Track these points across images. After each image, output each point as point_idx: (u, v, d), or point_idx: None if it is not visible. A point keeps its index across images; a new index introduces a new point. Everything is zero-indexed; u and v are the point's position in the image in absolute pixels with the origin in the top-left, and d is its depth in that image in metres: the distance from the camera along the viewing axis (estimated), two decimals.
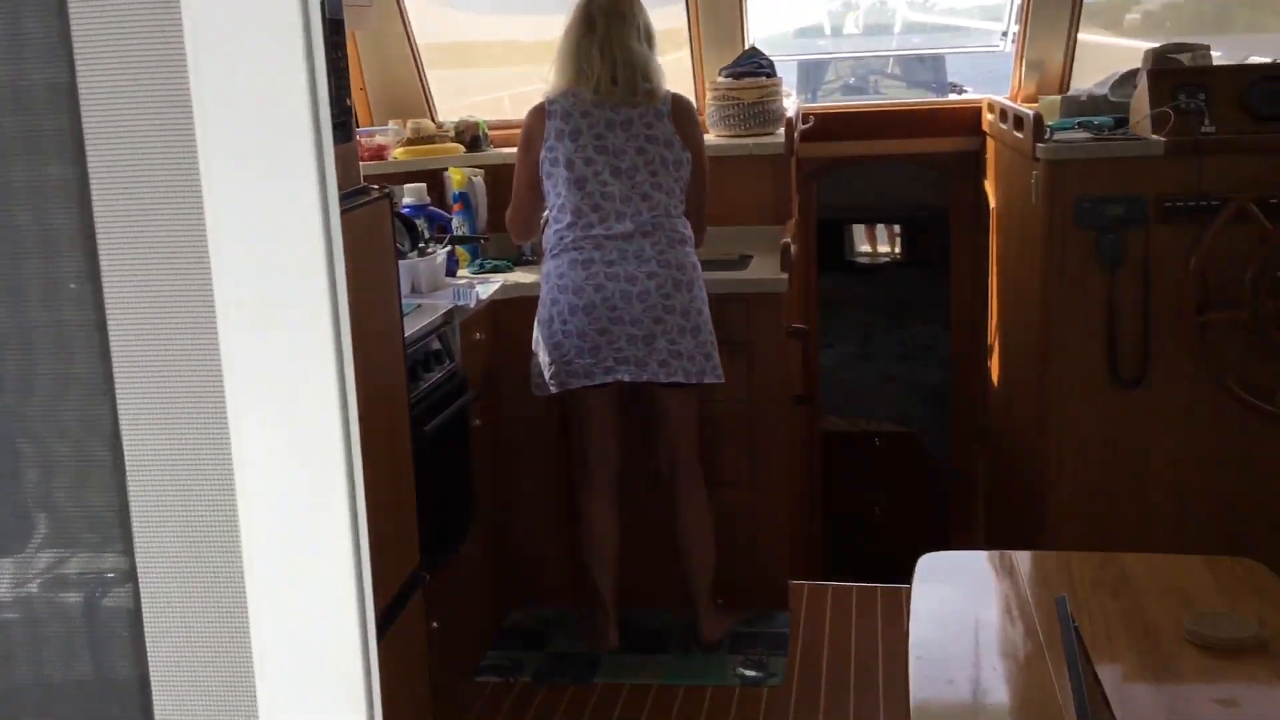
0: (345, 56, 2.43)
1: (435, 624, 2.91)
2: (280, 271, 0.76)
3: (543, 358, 3.25)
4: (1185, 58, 3.50)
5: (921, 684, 1.95)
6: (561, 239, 3.23)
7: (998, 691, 1.99)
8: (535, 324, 3.28)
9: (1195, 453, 3.29)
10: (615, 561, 3.41)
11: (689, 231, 3.25)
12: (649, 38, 3.20)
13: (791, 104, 4.25)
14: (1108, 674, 1.84)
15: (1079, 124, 3.43)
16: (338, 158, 2.37)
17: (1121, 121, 3.43)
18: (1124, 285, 3.23)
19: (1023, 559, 2.43)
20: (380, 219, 2.43)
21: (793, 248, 3.67)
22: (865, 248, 7.69)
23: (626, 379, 3.19)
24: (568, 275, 3.20)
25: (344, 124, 2.39)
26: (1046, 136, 3.32)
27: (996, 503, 4.33)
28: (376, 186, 2.60)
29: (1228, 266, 3.14)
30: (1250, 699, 1.87)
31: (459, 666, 3.28)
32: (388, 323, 2.46)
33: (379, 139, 3.94)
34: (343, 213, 2.10)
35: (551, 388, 3.24)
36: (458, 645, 3.26)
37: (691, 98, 4.31)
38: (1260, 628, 2.00)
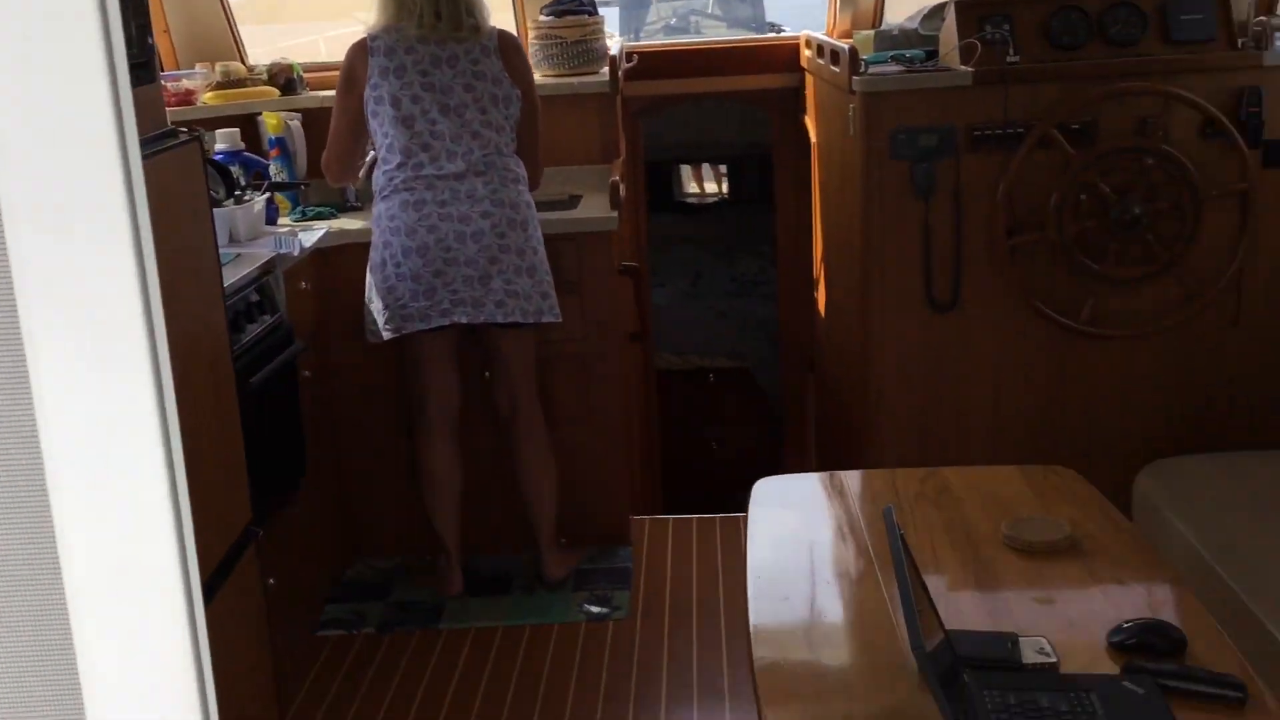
0: None
1: (272, 581, 2.85)
2: (80, 228, 0.71)
3: (376, 304, 3.19)
4: None
5: (760, 605, 2.00)
6: (391, 180, 3.16)
7: (833, 606, 2.06)
8: (368, 270, 3.21)
9: (1008, 370, 3.45)
10: (457, 507, 3.39)
11: (522, 170, 3.22)
12: None
13: (615, 43, 4.24)
14: (933, 580, 1.93)
15: (892, 58, 3.51)
16: (140, 101, 2.26)
17: (932, 54, 3.53)
18: (938, 213, 3.35)
19: (851, 478, 2.52)
20: (190, 164, 2.32)
21: (621, 187, 3.68)
22: (693, 188, 7.76)
23: (464, 321, 3.16)
24: (399, 217, 3.13)
25: (146, 64, 2.27)
26: (861, 70, 3.40)
27: (827, 430, 4.46)
28: (185, 129, 2.48)
29: (1034, 191, 3.28)
30: (1065, 596, 1.99)
31: (299, 622, 3.23)
32: (205, 273, 2.37)
33: (186, 83, 3.76)
34: (148, 158, 2.01)
35: (386, 333, 3.18)
36: (297, 601, 3.20)
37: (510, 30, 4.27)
38: (1072, 529, 2.12)
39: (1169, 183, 3.24)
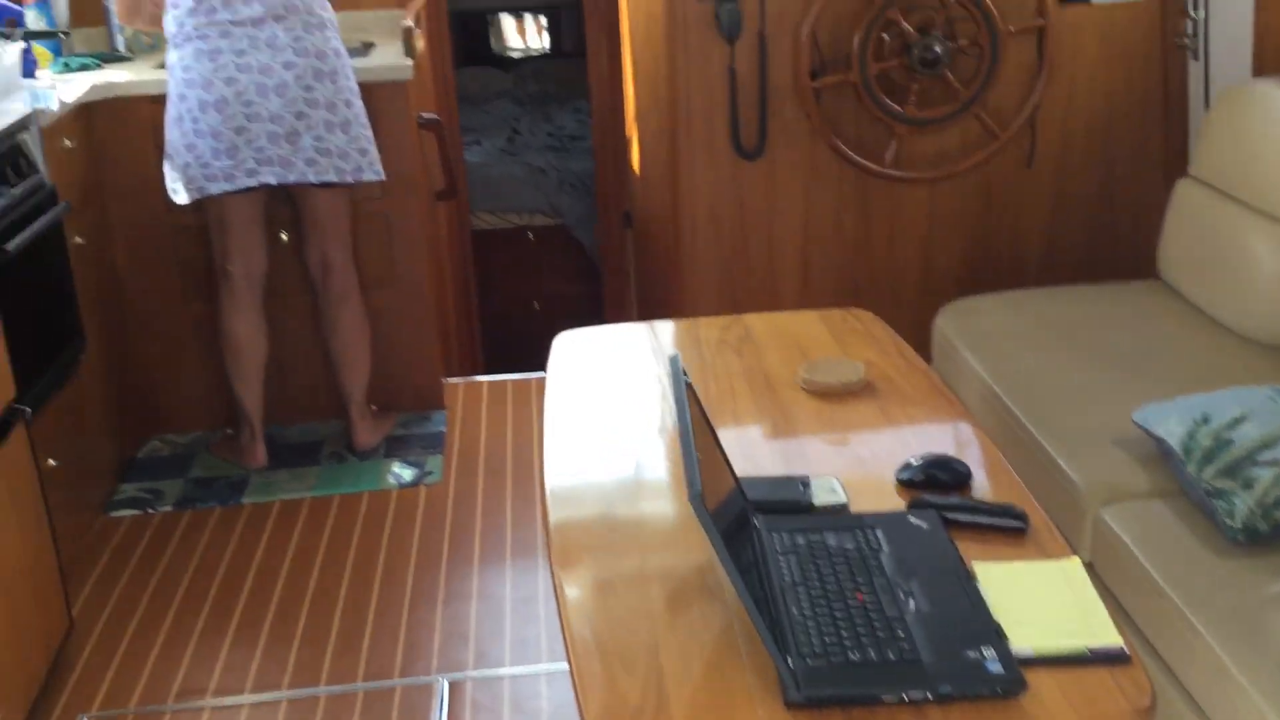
0: None
1: (53, 461, 2.68)
2: None
3: (175, 161, 2.95)
4: None
5: (555, 464, 1.95)
6: (182, 26, 2.89)
7: (629, 461, 2.02)
8: (165, 124, 2.96)
9: (815, 215, 3.44)
10: (261, 375, 3.24)
11: (327, 14, 2.97)
12: None
13: None
14: (730, 428, 1.91)
15: None
16: None
17: None
18: (743, 56, 3.27)
19: (654, 329, 2.47)
20: None
21: (418, 34, 3.47)
22: (514, 41, 7.49)
23: (272, 182, 2.95)
24: (193, 68, 2.88)
25: None
26: None
27: (645, 285, 4.43)
28: None
29: (838, 32, 3.23)
30: (858, 438, 1.99)
31: (88, 505, 3.06)
32: None
33: None
34: None
35: (189, 194, 2.96)
36: (85, 481, 3.03)
37: None
38: (867, 371, 2.12)
39: (969, 20, 3.22)
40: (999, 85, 3.29)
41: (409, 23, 3.37)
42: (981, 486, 1.78)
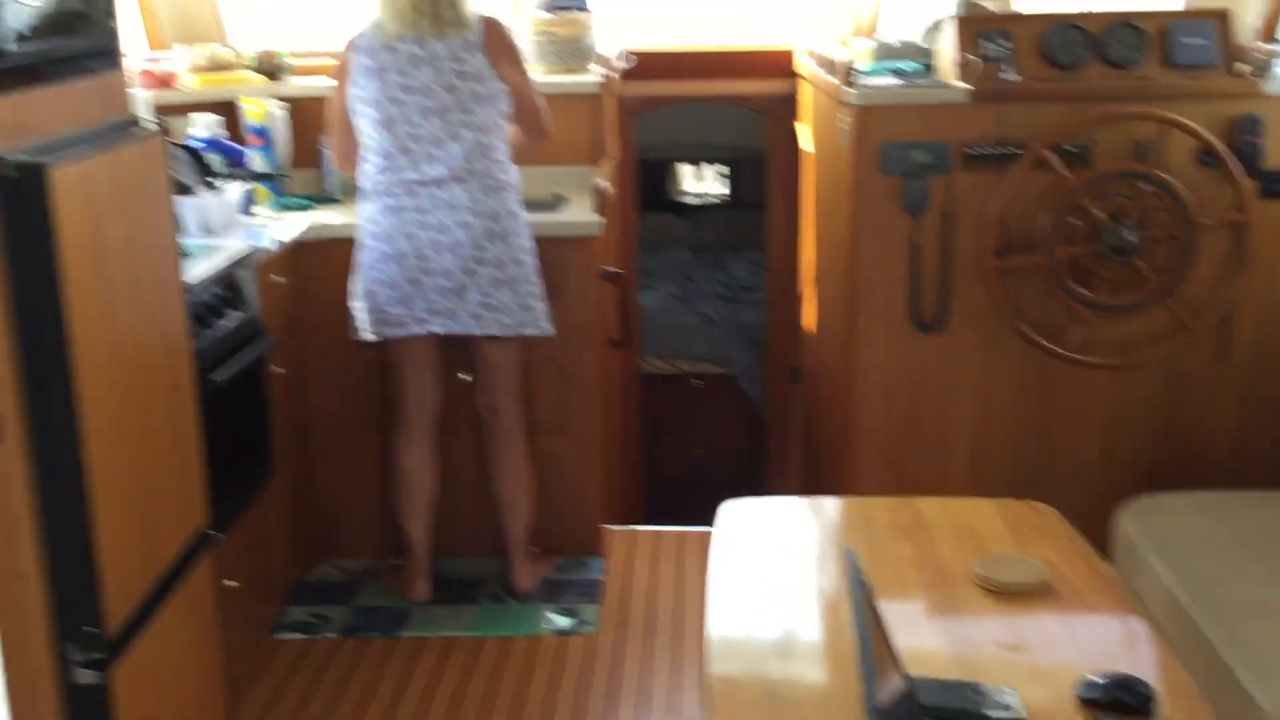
0: None
1: (233, 583, 2.79)
2: None
3: (360, 303, 3.14)
4: (991, 4, 3.56)
5: (718, 628, 1.95)
6: (374, 182, 3.10)
7: (793, 635, 1.99)
8: (354, 267, 3.16)
9: (992, 395, 3.38)
10: (429, 511, 3.34)
11: (508, 177, 3.13)
12: None
13: (611, 42, 4.17)
14: (898, 617, 1.86)
15: (889, 70, 3.44)
16: (102, 87, 2.19)
17: (931, 68, 3.46)
18: (928, 230, 3.28)
19: (823, 505, 2.45)
20: (153, 155, 2.25)
21: (610, 188, 3.61)
22: (692, 186, 7.69)
23: (440, 331, 3.12)
24: (380, 222, 3.08)
25: (110, 51, 2.20)
26: (856, 82, 3.33)
27: (810, 444, 4.40)
28: (151, 119, 2.41)
29: (1026, 213, 3.21)
30: (1035, 642, 1.93)
31: (259, 624, 3.16)
32: (162, 268, 2.30)
33: (168, 65, 3.69)
34: (106, 148, 1.93)
35: (369, 334, 3.14)
36: (257, 602, 3.13)
37: (494, 16, 4.19)
38: (1046, 571, 2.05)
39: (1164, 210, 3.17)
40: (1193, 276, 3.21)
41: (601, 181, 3.51)
42: (1165, 709, 1.69)
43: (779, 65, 4.46)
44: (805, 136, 4.32)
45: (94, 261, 1.99)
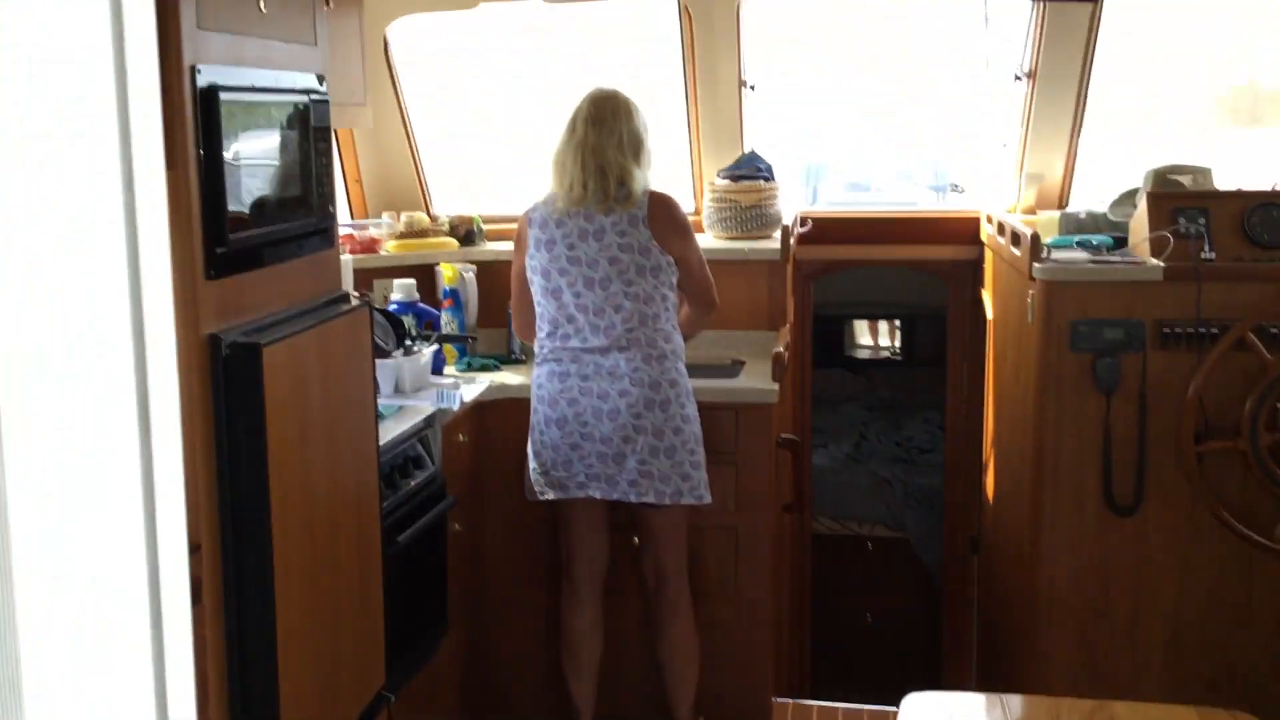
0: (330, 163, 2.39)
1: None
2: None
3: (530, 463, 3.20)
4: (1186, 180, 3.47)
5: None
6: (542, 348, 3.19)
7: None
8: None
9: (1191, 587, 3.19)
10: (594, 673, 3.32)
11: (670, 345, 3.16)
12: (635, 148, 3.12)
13: (789, 207, 4.23)
14: None
15: (1078, 243, 3.38)
16: (317, 264, 2.32)
17: (1121, 242, 3.39)
18: (1120, 410, 3.17)
19: (1012, 704, 2.33)
20: (358, 328, 2.37)
21: (786, 354, 3.61)
22: (866, 340, 7.64)
23: (597, 495, 3.14)
24: (545, 386, 3.16)
25: (325, 230, 2.35)
26: (1044, 255, 3.27)
27: (989, 620, 4.22)
28: (357, 294, 2.55)
29: (1226, 395, 3.07)
30: None
31: None
32: (361, 434, 2.39)
33: (372, 232, 3.91)
34: (319, 322, 2.03)
35: (536, 494, 3.20)
36: None
37: (690, 198, 4.31)
38: None
39: None
40: None
41: (780, 349, 3.52)
42: None
43: (962, 231, 4.43)
44: (989, 303, 4.26)
45: (296, 429, 2.09)
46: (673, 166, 4.20)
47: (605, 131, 3.09)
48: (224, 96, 1.91)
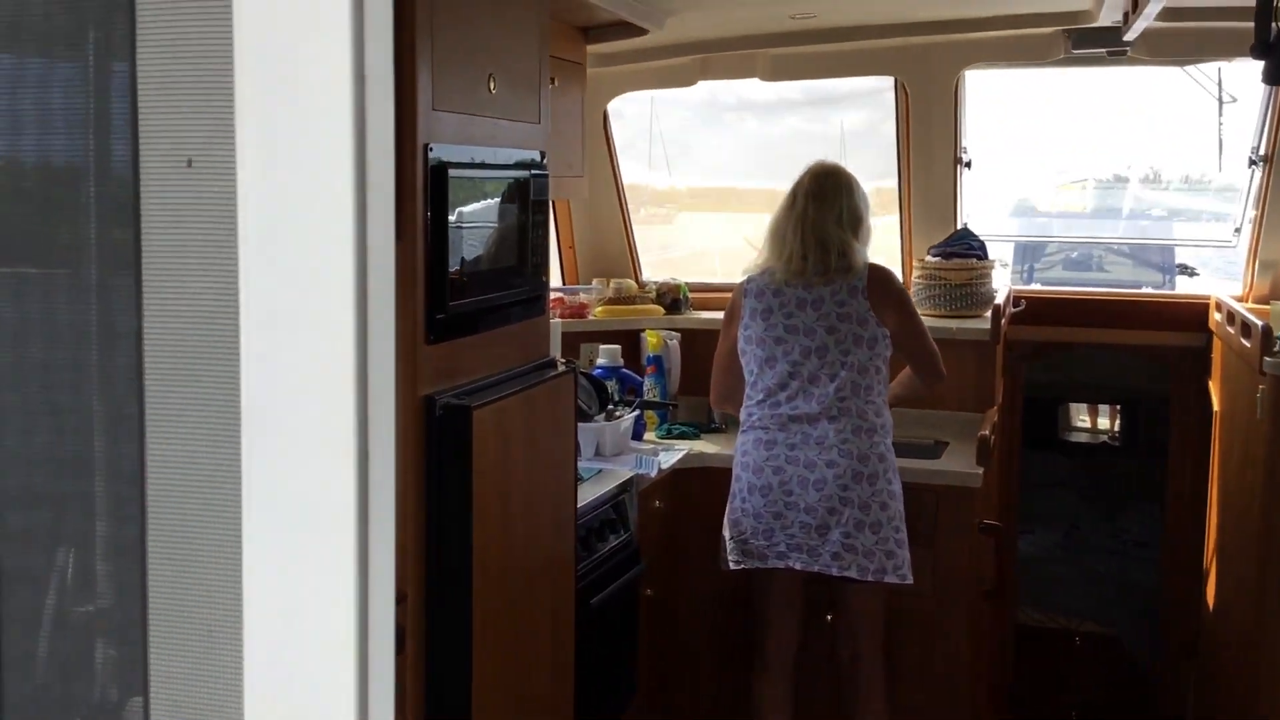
0: (545, 234, 2.49)
1: None
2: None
3: (726, 532, 3.21)
4: None
5: None
6: (750, 416, 3.20)
7: None
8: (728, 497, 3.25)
9: None
10: None
11: (881, 419, 3.13)
12: (854, 223, 3.15)
13: (1003, 287, 4.13)
14: None
15: None
16: (527, 330, 2.41)
17: None
18: None
19: None
20: (563, 393, 2.44)
21: (993, 437, 3.51)
22: (1081, 423, 7.33)
23: (797, 567, 3.10)
24: (751, 454, 3.16)
25: (538, 298, 2.44)
26: (1275, 349, 3.09)
27: None
28: (563, 360, 2.62)
29: None
30: None
31: None
32: (560, 495, 2.46)
33: (582, 297, 4.02)
34: (526, 387, 2.10)
35: (730, 564, 3.19)
36: None
37: (898, 275, 4.26)
38: None
39: None
40: None
41: (987, 432, 3.43)
42: None
43: (1189, 317, 4.23)
44: (1215, 393, 4.04)
45: (500, 488, 2.17)
46: (880, 242, 4.17)
47: (826, 206, 3.12)
48: (452, 173, 2.02)
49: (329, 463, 0.71)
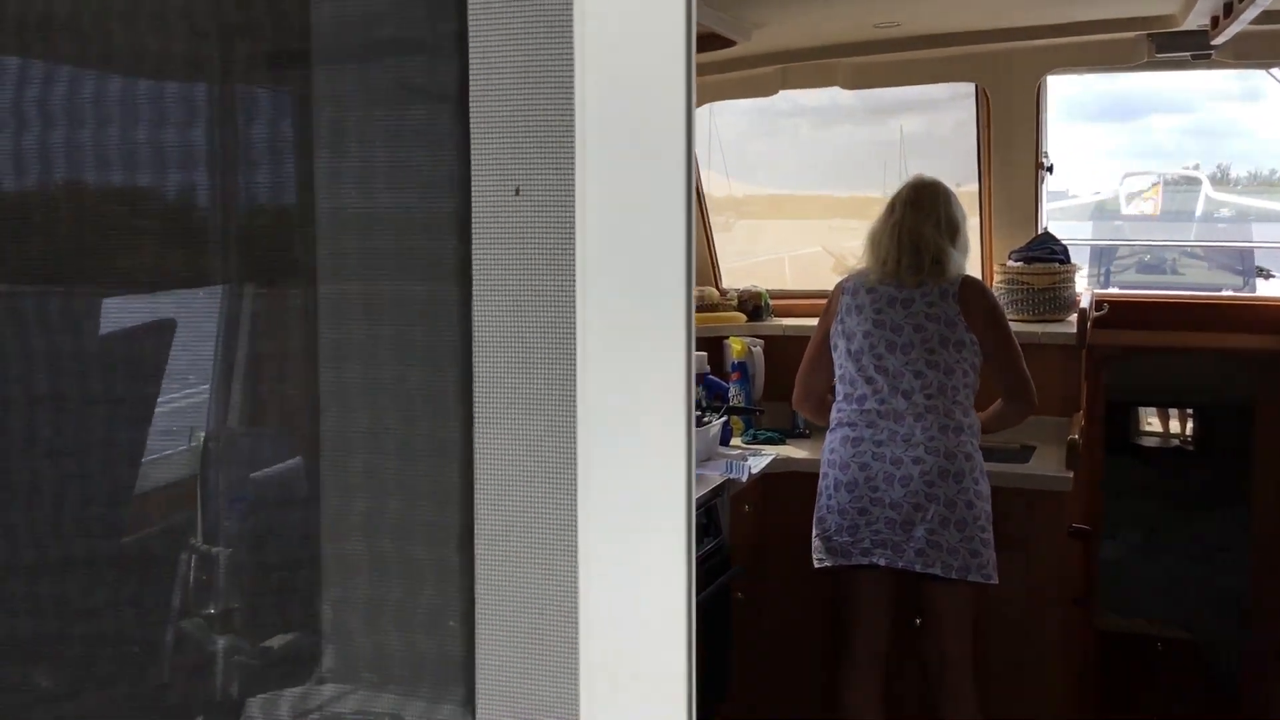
0: None
1: None
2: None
3: (814, 530, 3.24)
4: None
5: None
6: (839, 412, 3.23)
7: None
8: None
9: None
10: None
11: (968, 420, 3.16)
12: (951, 230, 3.19)
13: (1085, 291, 4.13)
14: None
15: None
16: None
17: None
18: None
19: None
20: None
21: (1080, 441, 3.52)
22: (1154, 427, 7.26)
23: (881, 563, 3.12)
24: (838, 450, 3.19)
25: None
26: None
27: None
28: None
29: None
30: None
31: None
32: None
33: None
34: None
35: (817, 562, 3.22)
36: None
37: (978, 275, 4.27)
38: None
39: None
40: None
41: (1076, 436, 3.43)
42: None
43: (1268, 320, 4.20)
44: None
45: None
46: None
47: (923, 214, 3.16)
48: None
49: (663, 458, 0.76)
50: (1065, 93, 4.60)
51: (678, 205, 0.73)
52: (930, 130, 5.14)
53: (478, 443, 0.77)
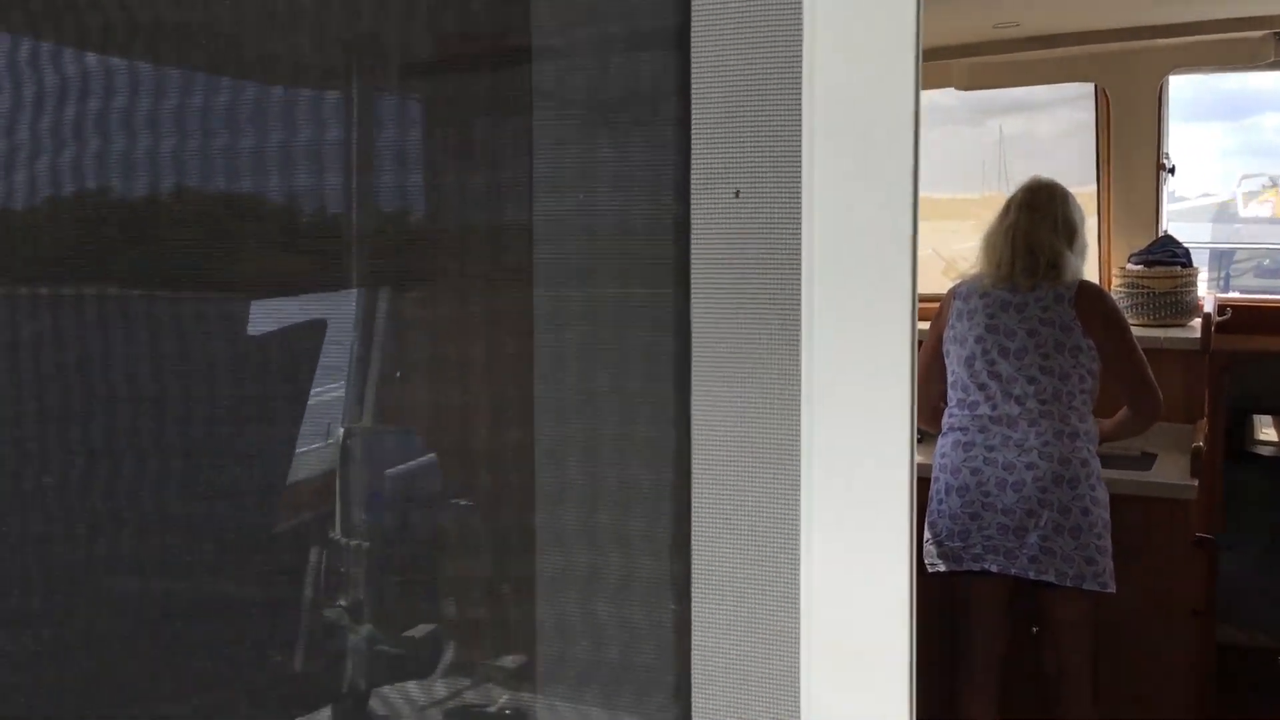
0: None
1: None
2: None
3: (926, 535, 3.22)
4: None
5: None
6: (950, 417, 3.21)
7: None
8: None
9: None
10: None
11: (1084, 425, 3.11)
12: (1069, 233, 3.14)
13: (1207, 295, 4.04)
14: None
15: None
16: None
17: None
18: None
19: None
20: None
21: (1205, 448, 3.44)
22: (1269, 436, 7.04)
23: (993, 570, 3.09)
24: (949, 455, 3.16)
25: None
26: None
27: None
28: None
29: None
30: None
31: None
32: None
33: None
34: None
35: (929, 567, 3.20)
36: None
37: (1095, 281, 4.19)
38: None
39: None
40: None
41: (1200, 443, 3.36)
42: None
43: None
44: None
45: None
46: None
47: (1039, 216, 3.12)
48: None
49: (891, 447, 0.78)
50: (1174, 93, 4.49)
51: (904, 210, 0.74)
52: (1029, 131, 5.06)
53: (695, 444, 0.79)
